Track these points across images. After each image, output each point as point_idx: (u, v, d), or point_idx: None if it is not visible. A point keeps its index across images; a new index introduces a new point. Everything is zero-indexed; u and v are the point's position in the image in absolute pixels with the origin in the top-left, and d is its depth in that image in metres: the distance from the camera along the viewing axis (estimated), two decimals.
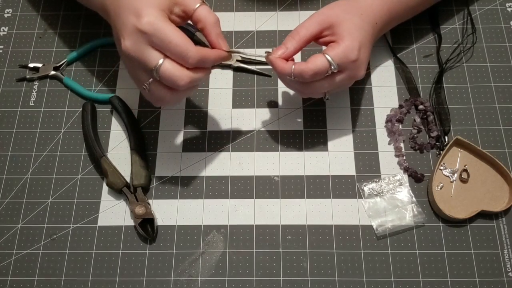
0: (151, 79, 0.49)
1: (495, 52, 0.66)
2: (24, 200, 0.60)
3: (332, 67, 0.52)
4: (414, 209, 0.57)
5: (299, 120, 0.63)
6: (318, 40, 0.55)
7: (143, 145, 0.61)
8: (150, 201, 0.59)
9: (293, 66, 0.52)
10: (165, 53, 0.48)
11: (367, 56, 0.55)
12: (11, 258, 0.57)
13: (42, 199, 0.60)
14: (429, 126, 0.61)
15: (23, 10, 0.71)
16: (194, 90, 0.54)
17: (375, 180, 0.59)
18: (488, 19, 0.68)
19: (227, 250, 0.57)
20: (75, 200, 0.60)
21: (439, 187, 0.58)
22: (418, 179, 0.59)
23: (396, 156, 0.61)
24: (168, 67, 0.48)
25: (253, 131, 0.63)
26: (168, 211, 0.59)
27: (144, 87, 0.50)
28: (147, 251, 0.57)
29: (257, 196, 0.59)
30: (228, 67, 0.66)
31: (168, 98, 0.51)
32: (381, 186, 0.59)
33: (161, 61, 0.48)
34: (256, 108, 0.64)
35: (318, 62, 0.52)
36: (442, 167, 0.59)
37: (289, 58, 0.54)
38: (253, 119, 0.63)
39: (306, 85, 0.54)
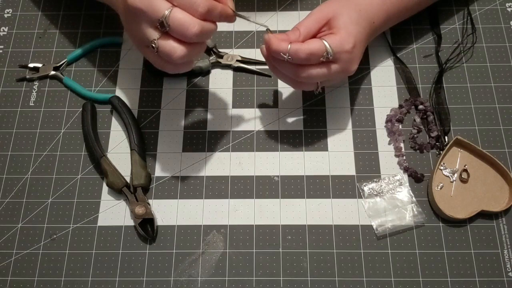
0: (159, 35, 0.48)
1: (495, 52, 0.66)
2: (24, 200, 0.60)
3: (328, 53, 0.52)
4: (414, 209, 0.57)
5: (299, 120, 0.63)
6: (315, 37, 0.55)
7: (143, 145, 0.61)
8: (150, 201, 0.59)
9: (289, 45, 0.52)
10: (173, 2, 0.47)
11: (361, 52, 0.55)
12: (11, 258, 0.57)
13: (42, 199, 0.60)
14: (429, 126, 0.61)
15: (23, 10, 0.71)
16: (202, 51, 0.52)
17: (375, 180, 0.59)
18: (488, 19, 0.68)
19: (227, 250, 0.57)
20: (75, 200, 0.60)
21: (439, 187, 0.58)
22: (418, 179, 0.59)
23: (396, 156, 0.61)
24: (178, 14, 0.47)
25: (253, 131, 0.63)
26: (168, 211, 0.59)
27: (153, 45, 0.49)
28: (147, 251, 0.57)
29: (257, 196, 0.59)
30: (228, 67, 0.66)
31: (178, 52, 0.49)
32: (381, 186, 0.59)
33: (170, 9, 0.47)
34: (256, 108, 0.64)
35: (315, 44, 0.52)
36: (442, 167, 0.59)
37: None
38: (253, 119, 0.63)
39: (299, 70, 0.53)
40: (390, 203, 0.58)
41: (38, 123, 0.64)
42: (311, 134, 0.62)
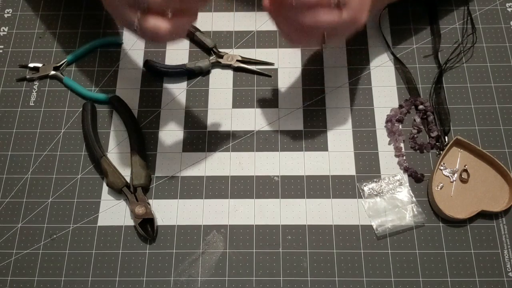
0: (139, 13, 0.46)
1: (495, 52, 0.66)
2: (24, 200, 0.60)
3: None
4: (414, 209, 0.57)
5: (299, 120, 0.63)
6: None
7: (143, 145, 0.61)
8: (150, 201, 0.59)
9: None
10: None
11: (368, 3, 0.51)
12: (11, 258, 0.57)
13: (42, 199, 0.60)
14: (429, 126, 0.61)
15: (23, 10, 0.71)
16: (190, 22, 0.50)
17: (375, 180, 0.59)
18: (488, 19, 0.68)
19: (227, 250, 0.57)
20: (75, 200, 0.60)
21: (439, 187, 0.58)
22: (418, 179, 0.59)
23: (396, 156, 0.61)
24: None
25: (253, 131, 0.63)
26: (168, 211, 0.59)
27: (136, 27, 0.47)
28: (147, 251, 0.57)
29: (257, 196, 0.59)
30: (228, 67, 0.66)
31: (164, 27, 0.47)
32: (381, 186, 0.59)
33: None
34: (256, 108, 0.64)
35: None
36: (442, 167, 0.59)
37: None
38: (253, 119, 0.63)
39: (305, 15, 0.49)
40: (390, 203, 0.58)
41: (38, 123, 0.64)
42: (311, 134, 0.62)
